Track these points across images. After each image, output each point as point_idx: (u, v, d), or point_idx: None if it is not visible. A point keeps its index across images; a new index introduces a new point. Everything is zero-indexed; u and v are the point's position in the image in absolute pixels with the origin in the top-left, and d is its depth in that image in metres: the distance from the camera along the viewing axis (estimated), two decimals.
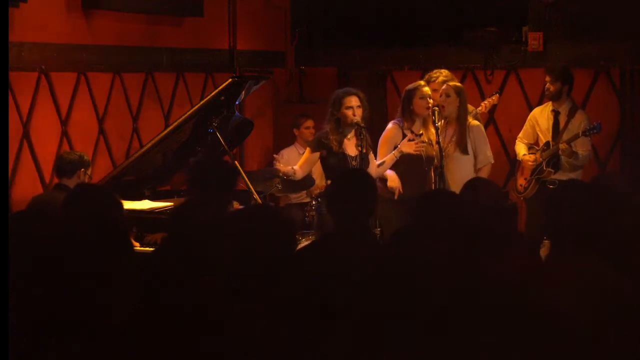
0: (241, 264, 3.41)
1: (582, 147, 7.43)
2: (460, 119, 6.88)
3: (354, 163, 6.44)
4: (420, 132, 6.76)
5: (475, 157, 6.91)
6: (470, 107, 7.33)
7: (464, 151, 6.83)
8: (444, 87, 6.95)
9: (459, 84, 7.02)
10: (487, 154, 6.95)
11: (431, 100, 6.75)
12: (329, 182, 6.46)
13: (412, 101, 6.70)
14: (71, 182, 6.01)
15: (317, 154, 6.48)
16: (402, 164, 6.67)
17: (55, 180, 6.49)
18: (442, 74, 7.32)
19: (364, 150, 6.39)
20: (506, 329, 3.09)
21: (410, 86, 6.82)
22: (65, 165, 6.11)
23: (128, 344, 3.05)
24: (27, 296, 3.09)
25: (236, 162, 6.56)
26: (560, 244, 3.58)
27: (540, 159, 7.53)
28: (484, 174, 6.87)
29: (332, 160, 6.43)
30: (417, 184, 6.72)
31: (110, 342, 3.03)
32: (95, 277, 3.19)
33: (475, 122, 7.00)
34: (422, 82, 6.84)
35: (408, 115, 6.73)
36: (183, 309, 3.16)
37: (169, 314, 3.16)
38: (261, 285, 3.33)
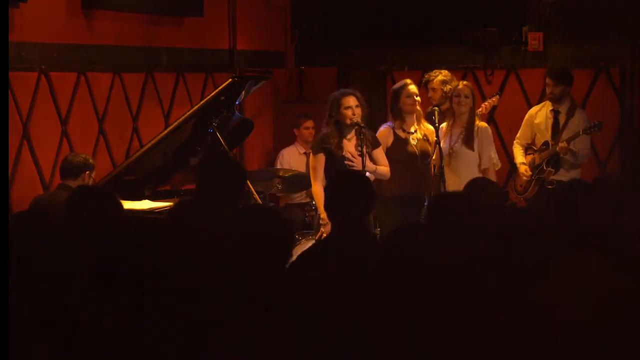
0: (239, 264, 3.41)
1: (581, 145, 7.43)
2: (470, 118, 6.91)
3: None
4: (413, 129, 6.77)
5: (480, 158, 6.92)
6: None
7: (471, 148, 6.85)
8: (461, 87, 6.98)
9: (469, 84, 7.11)
10: (491, 156, 6.96)
11: (418, 98, 6.77)
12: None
13: (399, 99, 6.74)
14: (75, 184, 6.00)
15: (322, 155, 6.44)
16: (398, 163, 6.67)
17: (56, 181, 6.49)
18: (441, 73, 7.33)
19: (365, 151, 6.38)
20: (506, 328, 3.09)
21: (396, 85, 6.87)
22: (70, 167, 6.09)
23: (127, 345, 3.05)
24: (28, 295, 3.09)
25: None
26: (560, 244, 3.58)
27: (539, 160, 7.53)
28: (490, 176, 6.86)
29: (332, 162, 6.42)
30: (413, 182, 6.73)
31: (110, 342, 3.03)
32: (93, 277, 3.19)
33: (483, 124, 7.05)
34: (408, 81, 6.86)
35: (397, 114, 6.76)
36: (181, 309, 3.16)
37: (166, 313, 3.16)
38: (260, 286, 3.33)
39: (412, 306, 3.13)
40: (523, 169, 7.56)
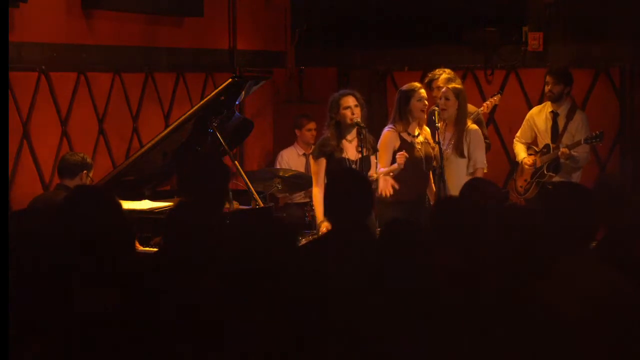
0: (240, 264, 3.41)
1: (580, 149, 7.42)
2: (459, 122, 6.85)
3: (353, 167, 6.43)
4: (417, 132, 6.75)
5: (468, 161, 6.88)
6: (472, 108, 7.32)
7: (461, 154, 6.81)
8: (443, 90, 6.92)
9: (458, 86, 6.98)
10: (479, 159, 6.85)
11: (427, 103, 6.75)
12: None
13: (410, 102, 6.67)
14: (72, 183, 6.00)
15: (323, 160, 6.44)
16: (405, 167, 6.66)
17: (56, 181, 6.49)
18: (445, 71, 7.31)
19: (365, 152, 6.37)
20: (506, 327, 3.09)
21: (405, 87, 6.76)
22: (67, 167, 6.09)
23: (125, 345, 3.05)
24: (27, 294, 3.10)
25: (236, 162, 6.56)
26: (559, 245, 3.58)
27: (540, 163, 7.53)
28: None
29: (333, 165, 6.42)
30: (416, 186, 6.71)
31: (109, 342, 3.03)
32: (91, 277, 3.19)
33: (474, 126, 6.96)
34: (419, 85, 6.81)
35: (404, 116, 6.70)
36: (181, 310, 3.16)
37: (166, 315, 3.16)
38: (260, 285, 3.33)
39: (411, 305, 3.13)
40: (528, 160, 7.54)
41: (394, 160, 6.57)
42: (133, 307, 3.14)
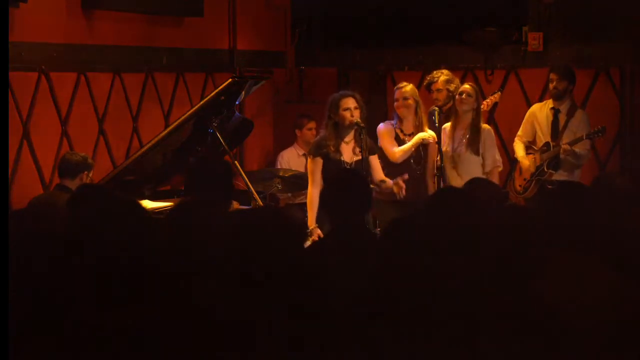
0: (242, 265, 3.41)
1: (581, 146, 7.43)
2: (475, 121, 6.90)
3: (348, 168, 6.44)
4: (411, 132, 6.78)
5: (484, 160, 6.92)
6: None
7: (476, 152, 6.85)
8: (465, 86, 6.97)
9: (474, 85, 7.12)
10: (496, 158, 6.95)
11: (410, 101, 6.76)
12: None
13: (395, 102, 6.81)
14: (73, 184, 5.99)
15: (320, 159, 6.44)
16: (392, 168, 6.68)
17: (56, 181, 6.49)
18: (443, 73, 7.33)
19: (364, 154, 6.38)
20: (506, 328, 3.09)
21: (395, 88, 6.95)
22: (68, 167, 6.08)
23: (126, 346, 3.05)
24: (27, 294, 3.10)
25: (236, 162, 6.56)
26: (558, 245, 3.58)
27: (540, 160, 7.53)
28: (493, 178, 6.84)
29: (329, 165, 6.41)
30: (409, 186, 6.71)
31: (109, 342, 3.03)
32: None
33: (486, 126, 7.05)
34: (402, 84, 6.89)
35: (396, 115, 6.83)
36: (183, 310, 3.16)
37: (169, 314, 3.16)
38: (261, 285, 3.33)
39: (411, 305, 3.13)
40: (527, 163, 7.56)
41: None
42: (132, 307, 3.14)
